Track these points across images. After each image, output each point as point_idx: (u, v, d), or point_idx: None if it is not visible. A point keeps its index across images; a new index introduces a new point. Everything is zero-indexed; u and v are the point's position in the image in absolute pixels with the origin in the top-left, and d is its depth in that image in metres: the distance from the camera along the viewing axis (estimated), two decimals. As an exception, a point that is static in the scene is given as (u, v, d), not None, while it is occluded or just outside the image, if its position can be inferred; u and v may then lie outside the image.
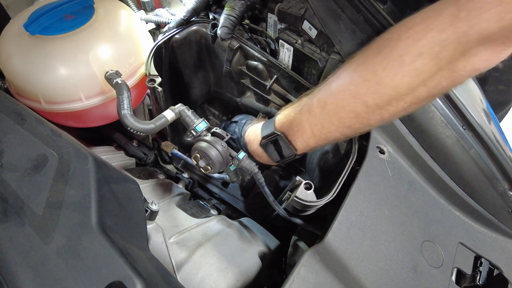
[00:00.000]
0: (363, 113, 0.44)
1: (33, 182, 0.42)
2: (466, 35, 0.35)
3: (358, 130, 0.47)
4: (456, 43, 0.35)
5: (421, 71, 0.38)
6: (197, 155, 0.54)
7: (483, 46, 0.35)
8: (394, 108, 0.42)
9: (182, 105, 0.57)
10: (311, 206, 0.50)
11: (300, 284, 0.41)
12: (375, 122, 0.45)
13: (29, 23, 0.58)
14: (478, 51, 0.35)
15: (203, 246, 0.54)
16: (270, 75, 0.71)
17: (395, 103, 0.41)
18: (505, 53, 0.36)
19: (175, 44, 0.70)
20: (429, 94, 0.40)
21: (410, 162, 0.59)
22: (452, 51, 0.36)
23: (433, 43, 0.37)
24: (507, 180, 0.58)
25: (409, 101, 0.41)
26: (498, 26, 0.33)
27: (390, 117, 0.44)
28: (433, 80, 0.38)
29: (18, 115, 0.49)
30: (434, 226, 0.55)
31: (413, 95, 0.40)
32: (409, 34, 0.38)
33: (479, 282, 0.52)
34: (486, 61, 0.36)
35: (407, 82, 0.39)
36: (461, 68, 0.37)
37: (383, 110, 0.42)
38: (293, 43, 0.67)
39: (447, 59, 0.37)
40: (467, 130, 0.55)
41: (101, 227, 0.38)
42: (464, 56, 0.36)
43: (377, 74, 0.41)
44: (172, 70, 0.74)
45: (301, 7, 0.63)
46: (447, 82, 0.38)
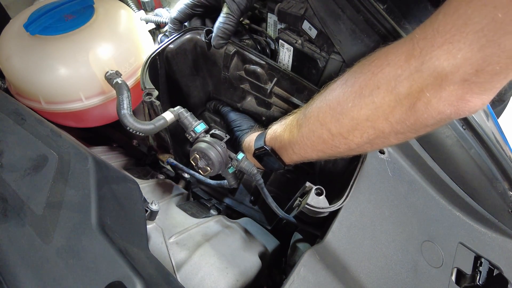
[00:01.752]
0: (330, 140, 0.45)
1: (33, 182, 0.42)
2: (419, 71, 0.35)
3: (331, 155, 0.48)
4: (411, 80, 0.36)
5: (378, 105, 0.39)
6: (197, 155, 0.54)
7: (444, 88, 0.34)
8: (358, 139, 0.43)
9: (180, 107, 0.57)
10: (324, 212, 0.49)
11: (300, 284, 0.41)
12: (344, 150, 0.46)
13: (29, 23, 0.58)
14: (440, 94, 0.34)
15: (203, 246, 0.54)
16: (270, 78, 0.70)
17: (357, 133, 0.42)
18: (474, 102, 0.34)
19: (170, 54, 0.69)
20: (394, 129, 0.40)
21: (410, 162, 0.59)
22: (408, 88, 0.36)
23: (389, 78, 0.37)
24: (507, 180, 0.58)
25: (372, 133, 0.42)
26: (450, 64, 0.32)
27: (359, 147, 0.45)
28: (394, 115, 0.39)
29: (18, 115, 0.49)
30: (434, 226, 0.55)
31: (375, 128, 0.41)
32: (369, 68, 0.40)
33: (479, 282, 0.52)
34: (452, 106, 0.35)
35: (365, 114, 0.40)
36: (422, 108, 0.36)
37: (348, 140, 0.44)
38: (293, 43, 0.67)
39: (403, 95, 0.37)
40: (467, 130, 0.55)
41: (101, 227, 0.38)
42: (423, 96, 0.35)
43: (340, 104, 0.43)
44: (169, 81, 0.73)
45: (301, 7, 0.63)
46: (411, 121, 0.38)
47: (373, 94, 0.39)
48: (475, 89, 0.33)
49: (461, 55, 0.31)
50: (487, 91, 0.33)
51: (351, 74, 0.43)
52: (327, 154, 0.48)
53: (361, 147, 0.44)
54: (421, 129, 0.39)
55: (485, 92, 0.33)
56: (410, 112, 0.37)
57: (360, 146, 0.44)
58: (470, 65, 0.31)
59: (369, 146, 0.44)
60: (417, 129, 0.39)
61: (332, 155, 0.48)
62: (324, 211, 0.48)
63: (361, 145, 0.44)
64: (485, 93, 0.33)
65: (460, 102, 0.34)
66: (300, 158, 0.53)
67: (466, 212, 0.59)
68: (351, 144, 0.44)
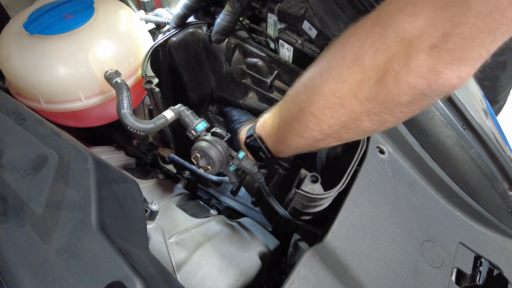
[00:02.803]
0: (303, 120, 0.43)
1: (33, 182, 0.42)
2: (382, 37, 0.32)
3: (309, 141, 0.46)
4: (374, 48, 0.33)
5: (344, 77, 0.36)
6: (197, 154, 0.54)
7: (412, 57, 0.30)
8: (329, 119, 0.40)
9: (181, 105, 0.57)
10: (318, 198, 0.48)
11: (300, 284, 0.41)
12: (318, 134, 0.43)
13: (28, 23, 0.58)
14: (408, 64, 0.31)
15: (203, 246, 0.54)
16: (270, 71, 0.70)
17: (327, 112, 0.40)
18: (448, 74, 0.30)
19: (172, 47, 0.69)
20: (365, 108, 0.36)
21: (410, 162, 0.59)
22: (372, 57, 0.33)
23: (354, 47, 0.35)
24: (507, 180, 0.58)
25: (343, 113, 0.38)
26: (413, 28, 0.29)
27: (331, 130, 0.41)
28: (362, 90, 0.35)
29: (18, 115, 0.49)
30: (434, 226, 0.55)
31: (344, 106, 0.38)
32: (339, 41, 0.38)
33: (479, 282, 0.52)
34: (423, 78, 0.30)
35: (332, 89, 0.38)
36: (391, 82, 0.32)
37: (319, 120, 0.41)
38: (293, 43, 0.67)
39: (369, 65, 0.34)
40: (467, 130, 0.55)
41: (101, 227, 0.38)
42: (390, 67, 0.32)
43: (310, 80, 0.42)
44: (172, 75, 0.74)
45: (301, 7, 0.63)
46: (381, 98, 0.34)
47: (340, 66, 0.37)
48: (447, 58, 0.29)
49: (423, 17, 0.28)
50: (462, 61, 0.29)
51: (325, 50, 0.41)
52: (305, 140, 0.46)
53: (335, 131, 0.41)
54: (396, 108, 0.35)
55: (460, 62, 0.29)
56: (379, 87, 0.34)
57: (334, 129, 0.41)
58: (433, 27, 0.28)
59: (344, 131, 0.41)
60: (391, 109, 0.35)
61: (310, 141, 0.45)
62: (319, 197, 0.47)
63: (335, 129, 0.41)
64: (460, 63, 0.29)
65: (432, 73, 0.30)
66: (283, 146, 0.51)
67: (466, 212, 0.59)
68: (323, 125, 0.41)
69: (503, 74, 1.05)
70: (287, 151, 0.52)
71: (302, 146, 0.48)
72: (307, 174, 0.50)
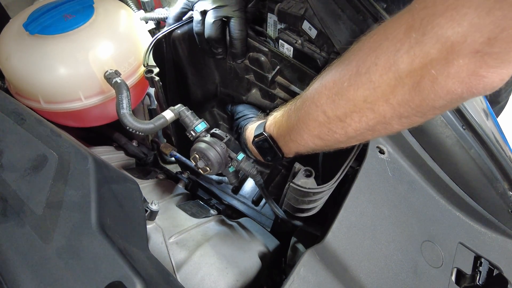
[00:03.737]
0: (325, 123, 0.42)
1: (33, 182, 0.42)
2: (419, 43, 0.31)
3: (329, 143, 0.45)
4: (411, 54, 0.31)
5: (377, 84, 0.35)
6: (196, 155, 0.54)
7: (452, 62, 0.29)
8: (357, 123, 0.39)
9: (181, 105, 0.57)
10: (311, 193, 0.47)
11: (300, 284, 0.41)
12: (341, 137, 0.42)
13: (28, 23, 0.58)
14: (447, 70, 0.30)
15: (203, 246, 0.54)
16: (272, 67, 0.70)
17: (356, 117, 0.39)
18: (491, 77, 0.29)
19: (177, 39, 0.69)
20: (396, 113, 0.36)
21: (410, 162, 0.59)
22: (409, 64, 0.32)
23: (388, 53, 0.33)
24: (507, 180, 0.58)
25: (372, 117, 0.38)
26: (455, 33, 0.28)
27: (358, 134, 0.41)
28: (395, 96, 0.34)
29: (18, 115, 0.49)
30: (434, 226, 0.55)
31: (374, 111, 0.37)
32: (367, 44, 0.36)
33: (479, 282, 0.52)
34: (463, 84, 0.30)
35: (363, 95, 0.37)
36: (427, 88, 0.32)
37: (345, 123, 0.40)
38: (293, 43, 0.67)
39: (404, 72, 0.32)
40: (467, 130, 0.55)
41: (101, 227, 0.38)
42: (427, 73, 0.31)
43: (335, 84, 0.40)
44: (175, 67, 0.73)
45: (301, 7, 0.63)
46: (415, 103, 0.34)
47: (370, 71, 0.35)
48: (490, 62, 0.28)
49: (467, 21, 0.27)
50: (505, 63, 0.28)
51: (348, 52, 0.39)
52: (324, 142, 0.45)
53: (361, 134, 0.41)
54: (429, 111, 0.34)
55: (503, 64, 0.28)
56: (414, 93, 0.33)
57: (360, 132, 0.40)
58: (479, 32, 0.27)
59: (370, 133, 0.40)
60: (424, 112, 0.35)
61: (330, 142, 0.45)
62: (311, 192, 0.46)
63: (361, 131, 0.40)
64: (503, 66, 0.28)
65: (473, 78, 0.29)
66: (297, 146, 0.50)
67: (466, 212, 0.59)
68: (349, 129, 0.40)
69: None
70: (301, 151, 0.51)
71: (319, 147, 0.47)
72: (301, 168, 0.49)
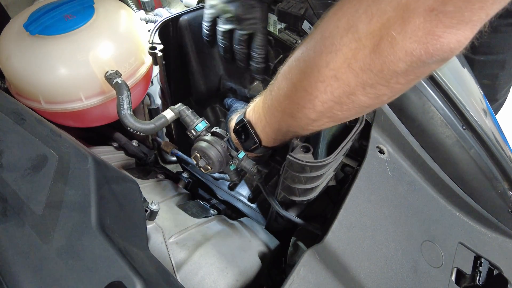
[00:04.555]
0: (294, 97, 0.41)
1: (33, 182, 0.42)
2: (377, 2, 0.30)
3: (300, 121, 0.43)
4: (369, 14, 0.31)
5: (338, 47, 0.34)
6: (197, 154, 0.54)
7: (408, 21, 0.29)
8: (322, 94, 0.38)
9: (182, 104, 0.57)
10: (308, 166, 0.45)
11: (300, 284, 0.41)
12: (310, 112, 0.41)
13: (29, 23, 0.58)
14: (404, 28, 0.29)
15: (203, 246, 0.54)
16: (276, 55, 0.70)
17: (321, 87, 0.38)
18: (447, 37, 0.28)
19: (183, 25, 0.69)
20: (360, 80, 0.35)
21: (410, 162, 0.59)
22: (367, 24, 0.31)
23: (347, 15, 0.33)
24: (507, 180, 0.58)
25: (337, 87, 0.36)
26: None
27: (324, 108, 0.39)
28: (357, 60, 0.33)
29: (18, 115, 0.49)
30: (434, 226, 0.55)
31: (337, 78, 0.36)
32: (332, 9, 0.36)
33: (478, 282, 0.52)
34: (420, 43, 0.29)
35: (325, 60, 0.36)
36: (387, 49, 0.31)
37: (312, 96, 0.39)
38: (293, 43, 0.67)
39: (364, 33, 0.32)
40: (467, 130, 0.55)
41: (101, 227, 0.38)
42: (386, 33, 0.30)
43: (303, 53, 0.39)
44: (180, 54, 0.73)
45: (301, 7, 0.63)
46: (377, 67, 0.33)
47: (333, 35, 0.35)
48: (446, 21, 0.28)
49: None
50: (461, 24, 0.28)
51: (317, 23, 0.39)
52: (296, 120, 0.43)
53: (328, 109, 0.39)
54: (392, 78, 0.34)
55: (459, 25, 0.28)
56: (374, 55, 0.32)
57: (327, 106, 0.39)
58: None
59: (339, 109, 0.39)
60: (387, 79, 0.34)
61: (301, 121, 0.43)
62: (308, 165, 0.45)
63: (328, 105, 0.39)
64: (459, 26, 0.28)
65: (429, 37, 0.29)
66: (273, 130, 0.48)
67: (466, 212, 0.59)
68: (316, 102, 0.39)
69: (502, 72, 1.05)
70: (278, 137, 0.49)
71: (294, 129, 0.46)
72: (299, 144, 0.47)
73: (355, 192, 0.51)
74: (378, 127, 0.58)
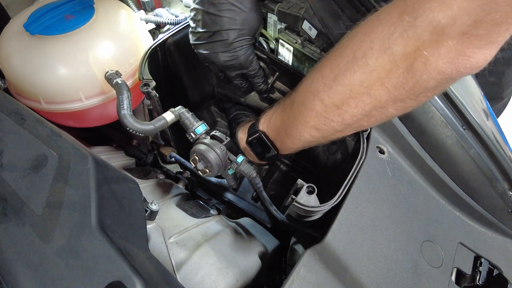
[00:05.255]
0: (322, 112, 0.42)
1: (33, 182, 0.42)
2: (412, 26, 0.32)
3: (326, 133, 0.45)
4: (405, 37, 0.33)
5: (373, 67, 0.36)
6: (196, 157, 0.54)
7: (442, 44, 0.31)
8: (353, 109, 0.40)
9: (182, 107, 0.57)
10: (313, 211, 0.48)
11: (300, 284, 0.41)
12: (338, 125, 0.43)
13: (29, 23, 0.58)
14: (438, 51, 0.32)
15: (203, 246, 0.54)
16: (272, 73, 0.70)
17: (352, 102, 0.39)
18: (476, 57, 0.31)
19: (172, 46, 0.69)
20: (392, 96, 0.37)
21: (410, 162, 0.59)
22: (403, 46, 0.33)
23: (382, 37, 0.35)
24: (507, 180, 0.58)
25: (368, 102, 0.39)
26: (445, 16, 0.30)
27: (355, 122, 0.42)
28: (390, 79, 0.36)
29: (18, 115, 0.49)
30: (434, 226, 0.55)
31: (370, 95, 0.38)
32: (361, 30, 0.38)
33: (478, 282, 0.52)
34: (452, 64, 0.32)
35: (359, 79, 0.38)
36: (420, 69, 0.33)
37: (342, 110, 0.41)
38: (293, 43, 0.67)
39: (399, 55, 0.34)
40: (467, 130, 0.55)
41: (101, 227, 0.38)
42: (420, 54, 0.33)
43: (333, 71, 0.40)
44: (171, 74, 0.73)
45: (301, 7, 0.63)
46: (409, 85, 0.35)
47: (367, 55, 0.36)
48: (476, 43, 0.30)
49: (456, 5, 0.29)
50: (489, 44, 0.31)
51: (342, 40, 0.40)
52: (321, 132, 0.45)
53: (357, 120, 0.41)
54: (422, 94, 0.36)
55: (487, 46, 0.31)
56: (407, 75, 0.35)
57: (356, 118, 0.41)
58: (467, 15, 0.29)
59: (366, 120, 0.42)
60: (417, 94, 0.36)
61: (327, 132, 0.45)
62: (314, 210, 0.47)
63: (357, 118, 0.41)
64: (487, 47, 0.31)
65: (460, 58, 0.32)
66: (293, 141, 0.50)
67: (466, 212, 0.59)
68: (346, 116, 0.41)
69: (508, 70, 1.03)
70: (296, 146, 0.51)
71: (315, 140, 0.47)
72: (304, 185, 0.49)
73: (355, 192, 0.51)
74: (378, 127, 0.58)
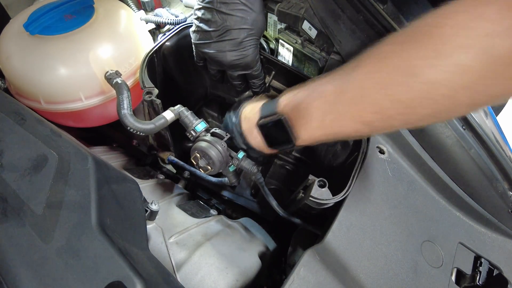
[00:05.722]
0: (387, 109, 0.36)
1: (33, 182, 0.42)
2: None
3: (376, 129, 0.39)
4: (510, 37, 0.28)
5: (464, 68, 0.30)
6: (197, 155, 0.54)
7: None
8: (425, 109, 0.34)
9: (181, 106, 0.57)
10: (328, 204, 0.49)
11: (300, 284, 0.41)
12: (399, 124, 0.37)
13: (29, 23, 0.58)
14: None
15: (203, 246, 0.54)
16: (268, 72, 0.70)
17: (426, 103, 0.33)
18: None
19: (166, 51, 0.69)
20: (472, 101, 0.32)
21: (410, 162, 0.59)
22: (507, 49, 0.28)
23: (483, 34, 0.29)
24: (507, 180, 0.58)
25: (447, 103, 0.33)
26: None
27: (417, 121, 0.36)
28: (479, 83, 0.30)
29: (18, 115, 0.49)
30: (434, 226, 0.55)
31: (452, 98, 0.32)
32: (455, 21, 0.31)
33: (479, 282, 0.52)
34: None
35: (446, 79, 0.31)
36: None
37: (411, 109, 0.34)
38: (293, 43, 0.67)
39: (500, 57, 0.29)
40: (467, 130, 0.55)
41: (101, 227, 0.38)
42: None
43: (411, 63, 0.33)
44: (166, 78, 0.74)
45: (301, 7, 0.63)
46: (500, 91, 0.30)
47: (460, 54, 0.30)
48: None
49: None
50: None
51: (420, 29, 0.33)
52: (370, 128, 0.39)
53: (421, 120, 0.36)
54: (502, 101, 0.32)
55: None
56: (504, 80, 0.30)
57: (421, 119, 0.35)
58: None
59: (432, 120, 0.36)
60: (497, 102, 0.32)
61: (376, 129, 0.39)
62: (328, 202, 0.48)
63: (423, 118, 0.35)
64: None
65: None
66: (326, 133, 0.43)
67: (466, 212, 0.59)
68: (412, 116, 0.35)
69: None
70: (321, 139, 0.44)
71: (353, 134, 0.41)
72: (315, 180, 0.49)
73: (355, 192, 0.51)
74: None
